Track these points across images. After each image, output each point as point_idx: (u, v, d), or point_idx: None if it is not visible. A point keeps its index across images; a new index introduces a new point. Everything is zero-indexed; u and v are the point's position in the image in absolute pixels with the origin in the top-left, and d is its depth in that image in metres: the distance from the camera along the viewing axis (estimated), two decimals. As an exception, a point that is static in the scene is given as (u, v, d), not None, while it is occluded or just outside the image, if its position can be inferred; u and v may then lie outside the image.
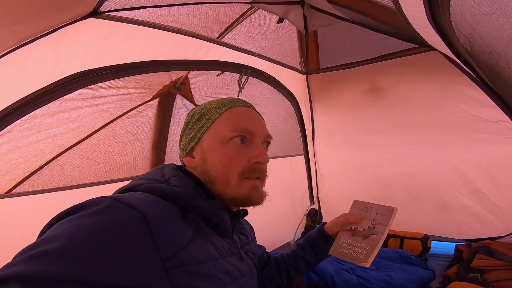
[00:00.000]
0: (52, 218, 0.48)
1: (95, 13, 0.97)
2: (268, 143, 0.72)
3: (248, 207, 0.71)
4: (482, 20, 0.74)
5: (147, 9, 1.13)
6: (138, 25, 1.12)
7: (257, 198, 0.65)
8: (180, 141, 0.74)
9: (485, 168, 1.57)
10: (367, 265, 0.79)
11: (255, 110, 0.74)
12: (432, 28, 0.96)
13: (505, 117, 1.44)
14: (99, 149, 1.17)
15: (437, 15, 0.84)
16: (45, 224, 0.49)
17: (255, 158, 0.64)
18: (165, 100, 1.41)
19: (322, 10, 1.55)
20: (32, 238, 0.45)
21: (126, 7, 1.05)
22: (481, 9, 0.71)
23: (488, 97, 1.46)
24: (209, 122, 0.66)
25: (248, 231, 0.84)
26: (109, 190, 0.64)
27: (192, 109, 0.75)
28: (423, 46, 1.55)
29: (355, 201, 0.97)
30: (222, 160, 0.64)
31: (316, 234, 0.98)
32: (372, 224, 0.86)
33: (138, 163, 1.33)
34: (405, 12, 0.95)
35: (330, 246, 0.91)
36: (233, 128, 0.64)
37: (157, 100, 1.37)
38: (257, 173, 0.66)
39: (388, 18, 1.30)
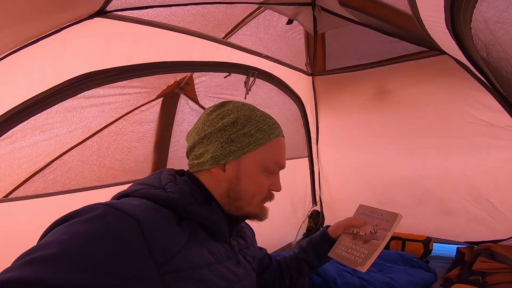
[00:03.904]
0: (49, 225, 0.49)
1: (101, 12, 0.94)
2: None
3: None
4: (506, 27, 0.72)
5: (153, 8, 1.10)
6: (144, 25, 1.10)
7: (264, 216, 0.71)
8: (201, 139, 0.65)
9: (491, 174, 1.56)
10: (364, 269, 0.79)
11: None
12: (449, 34, 0.94)
13: (513, 122, 1.43)
14: (102, 151, 1.16)
15: (456, 22, 0.82)
16: (43, 231, 0.50)
17: (275, 188, 0.70)
18: (169, 100, 1.39)
19: (333, 12, 1.53)
20: (36, 242, 0.47)
21: (132, 7, 1.02)
22: (506, 17, 0.68)
23: (497, 102, 1.45)
24: (257, 144, 0.64)
25: (248, 235, 0.83)
26: (111, 193, 0.64)
27: (221, 106, 0.67)
28: (434, 50, 1.53)
29: (360, 205, 0.97)
30: (256, 186, 0.66)
31: (320, 237, 0.98)
32: (374, 229, 0.86)
33: (141, 164, 1.31)
34: (422, 17, 0.93)
35: None
36: (277, 163, 0.68)
37: (160, 100, 1.35)
38: (272, 198, 0.72)
39: (401, 21, 1.28)
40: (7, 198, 0.92)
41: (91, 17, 0.94)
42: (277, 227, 1.89)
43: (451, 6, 0.72)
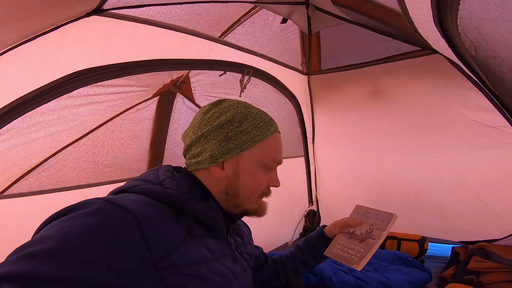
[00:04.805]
0: (45, 219, 0.49)
1: (99, 10, 0.95)
2: None
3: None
4: (490, 25, 0.74)
5: (150, 7, 1.11)
6: (140, 23, 1.11)
7: (263, 211, 0.71)
8: (198, 138, 0.65)
9: (484, 174, 1.58)
10: (359, 268, 0.80)
11: None
12: (438, 32, 0.96)
13: (504, 122, 1.45)
14: (97, 149, 1.16)
15: (444, 19, 0.84)
16: (39, 225, 0.49)
17: (274, 184, 0.70)
18: (165, 99, 1.39)
19: (327, 11, 1.55)
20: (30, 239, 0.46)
21: (129, 5, 1.03)
22: (489, 15, 0.70)
23: (489, 102, 1.46)
24: (254, 141, 0.64)
25: (244, 232, 0.84)
26: (106, 191, 0.63)
27: (217, 105, 0.68)
28: (427, 49, 1.54)
29: (357, 205, 0.98)
30: (255, 182, 0.66)
31: (316, 235, 0.99)
32: (370, 229, 0.87)
33: (136, 162, 1.31)
34: (411, 15, 0.95)
35: None
36: (275, 159, 0.68)
37: (157, 98, 1.35)
38: (270, 193, 0.72)
39: (393, 20, 1.30)
40: (1, 195, 0.92)
41: (88, 15, 0.95)
42: (273, 227, 1.89)
43: (437, 3, 0.74)
